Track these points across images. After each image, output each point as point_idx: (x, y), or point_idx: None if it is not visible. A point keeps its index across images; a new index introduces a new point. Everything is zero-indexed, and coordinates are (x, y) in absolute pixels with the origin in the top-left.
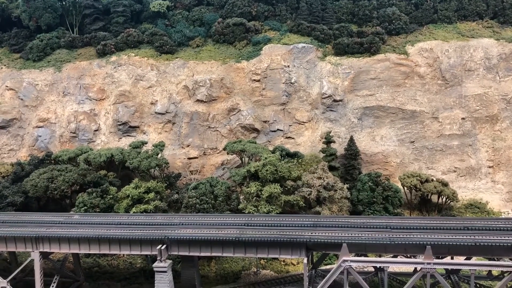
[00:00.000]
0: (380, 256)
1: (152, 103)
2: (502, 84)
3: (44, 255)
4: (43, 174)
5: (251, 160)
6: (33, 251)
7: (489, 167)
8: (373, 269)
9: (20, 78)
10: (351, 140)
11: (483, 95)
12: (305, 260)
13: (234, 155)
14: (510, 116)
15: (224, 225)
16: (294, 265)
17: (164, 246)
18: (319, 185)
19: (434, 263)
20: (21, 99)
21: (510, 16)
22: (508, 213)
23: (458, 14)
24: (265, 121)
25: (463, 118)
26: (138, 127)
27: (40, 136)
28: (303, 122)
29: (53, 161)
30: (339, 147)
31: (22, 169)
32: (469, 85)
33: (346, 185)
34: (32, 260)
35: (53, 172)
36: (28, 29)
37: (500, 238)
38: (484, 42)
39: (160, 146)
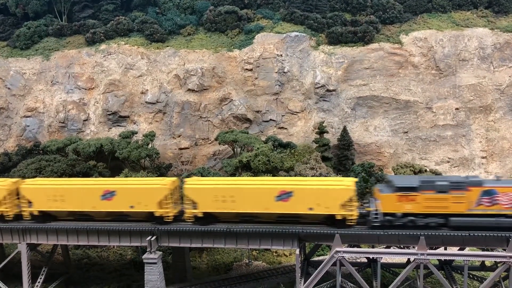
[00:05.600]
0: (373, 247)
1: (142, 93)
2: (496, 74)
3: (32, 247)
4: (31, 165)
5: (243, 150)
6: (20, 243)
7: (483, 157)
8: (366, 260)
9: (7, 67)
10: (344, 130)
11: (477, 85)
12: (297, 251)
13: (226, 146)
14: (504, 106)
15: None
16: (287, 256)
17: (154, 237)
18: (312, 176)
19: (428, 254)
20: (8, 88)
21: (505, 5)
22: None
23: (453, 3)
24: (257, 111)
25: (457, 109)
26: (128, 117)
27: (28, 126)
28: (296, 112)
29: (41, 151)
30: (332, 137)
31: (10, 160)
32: (463, 75)
33: (339, 175)
34: (19, 252)
35: (41, 163)
36: (15, 16)
37: (493, 230)
38: (479, 31)
39: (151, 136)
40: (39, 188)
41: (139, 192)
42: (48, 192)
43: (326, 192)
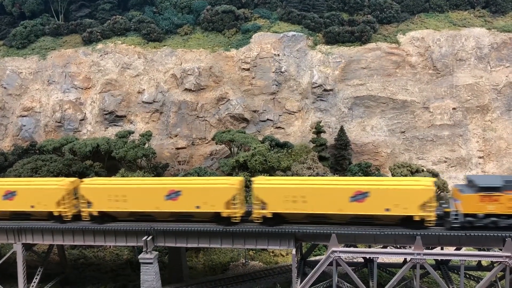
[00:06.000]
0: (369, 247)
1: (139, 92)
2: (493, 74)
3: (27, 247)
4: (27, 164)
5: (240, 150)
6: (16, 243)
7: (480, 157)
8: (362, 260)
9: (3, 66)
10: (342, 130)
11: (474, 85)
12: (294, 251)
13: (223, 145)
14: (501, 106)
15: None
16: (283, 256)
17: (150, 237)
18: (308, 175)
19: (424, 254)
20: (4, 88)
21: (502, 5)
22: None
23: (450, 3)
24: (254, 111)
25: (454, 108)
26: (125, 116)
27: (24, 125)
28: (293, 112)
29: (37, 151)
30: (329, 137)
31: (5, 159)
32: (460, 75)
33: (336, 175)
34: (15, 252)
35: (37, 162)
36: (11, 15)
37: (488, 230)
38: (476, 31)
39: (147, 136)
40: (99, 188)
41: (206, 192)
42: (109, 192)
43: (405, 193)
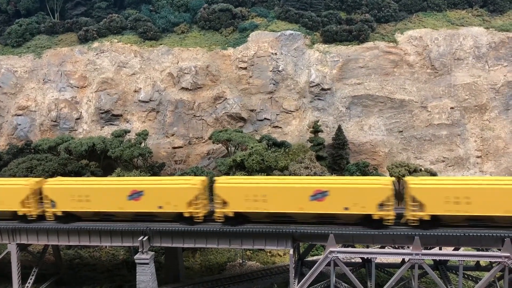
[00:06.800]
0: (367, 247)
1: (135, 91)
2: (491, 73)
3: (22, 247)
4: (22, 164)
5: (237, 149)
6: (10, 243)
7: (478, 157)
8: (360, 260)
9: None
10: (339, 129)
11: (472, 84)
12: (291, 251)
13: (220, 145)
14: (499, 105)
15: None
16: (281, 256)
17: (146, 237)
18: (306, 175)
19: (422, 254)
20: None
21: (500, 4)
22: None
23: (448, 2)
24: (252, 110)
25: (452, 108)
26: (121, 115)
27: (19, 124)
28: (291, 111)
29: (32, 150)
30: (327, 136)
31: (0, 159)
32: (458, 74)
33: (333, 175)
34: (9, 253)
35: (33, 162)
36: (6, 13)
37: (488, 229)
38: (474, 30)
39: (144, 135)
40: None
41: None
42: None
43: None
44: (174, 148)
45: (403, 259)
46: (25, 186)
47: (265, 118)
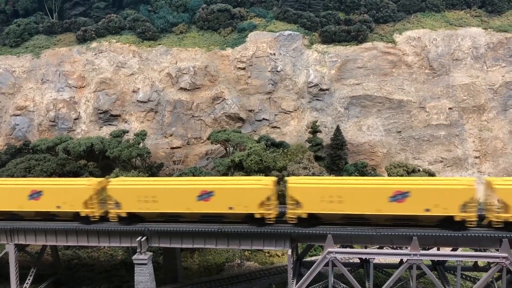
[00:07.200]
0: (365, 248)
1: (134, 91)
2: (490, 74)
3: (20, 248)
4: (20, 164)
5: (236, 150)
6: (8, 244)
7: (476, 157)
8: (358, 261)
9: None
10: (338, 129)
11: (470, 84)
12: (289, 252)
13: (219, 145)
14: (497, 106)
15: None
16: (279, 256)
17: (144, 237)
18: (304, 175)
19: (421, 255)
20: None
21: (498, 5)
22: None
23: (446, 3)
24: (250, 110)
25: (450, 108)
26: (119, 115)
27: (17, 124)
28: (289, 111)
29: (31, 151)
30: (325, 137)
31: None
32: (457, 74)
33: (332, 175)
34: (7, 253)
35: (31, 162)
36: (5, 13)
37: (486, 229)
38: (472, 31)
39: (142, 135)
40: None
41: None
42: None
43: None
44: (173, 148)
45: (401, 260)
46: (88, 187)
47: (263, 119)
